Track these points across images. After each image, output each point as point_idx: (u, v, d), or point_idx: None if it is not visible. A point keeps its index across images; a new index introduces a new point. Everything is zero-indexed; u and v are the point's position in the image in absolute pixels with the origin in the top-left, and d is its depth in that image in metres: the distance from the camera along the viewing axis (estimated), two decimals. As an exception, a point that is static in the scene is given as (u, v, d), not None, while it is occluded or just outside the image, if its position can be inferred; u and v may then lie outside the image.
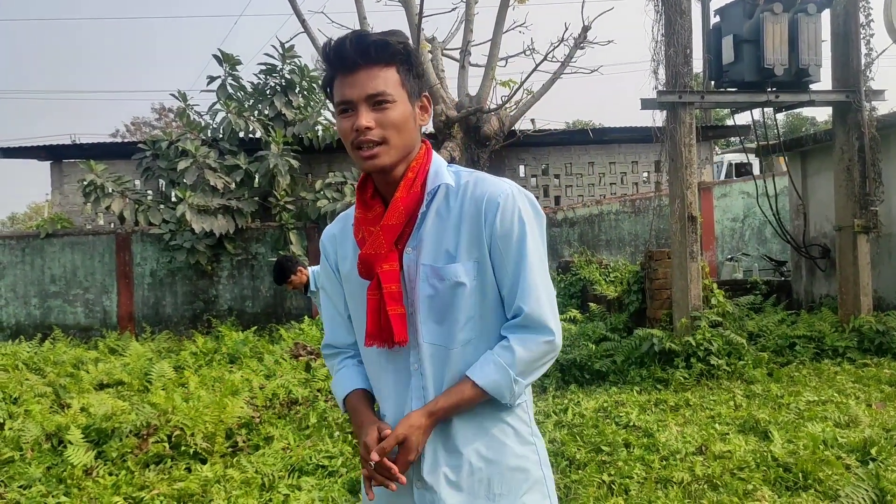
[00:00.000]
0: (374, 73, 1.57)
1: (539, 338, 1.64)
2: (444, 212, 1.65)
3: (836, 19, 7.81)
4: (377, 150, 1.58)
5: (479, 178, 1.67)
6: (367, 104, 1.57)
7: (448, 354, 1.64)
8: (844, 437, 4.71)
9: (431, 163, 1.68)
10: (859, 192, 7.74)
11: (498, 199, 1.61)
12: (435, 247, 1.63)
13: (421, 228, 1.64)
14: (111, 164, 12.39)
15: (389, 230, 1.62)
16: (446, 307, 1.63)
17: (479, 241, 1.62)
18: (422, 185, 1.65)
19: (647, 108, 7.40)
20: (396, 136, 1.59)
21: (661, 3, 7.30)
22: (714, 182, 13.39)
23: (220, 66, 12.28)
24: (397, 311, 1.62)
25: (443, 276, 1.61)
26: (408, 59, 1.62)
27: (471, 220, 1.62)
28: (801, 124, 26.33)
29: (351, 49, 1.56)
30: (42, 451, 5.16)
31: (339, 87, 1.60)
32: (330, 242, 1.83)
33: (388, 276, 1.63)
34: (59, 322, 11.16)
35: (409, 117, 1.62)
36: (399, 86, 1.60)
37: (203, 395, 6.46)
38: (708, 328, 6.99)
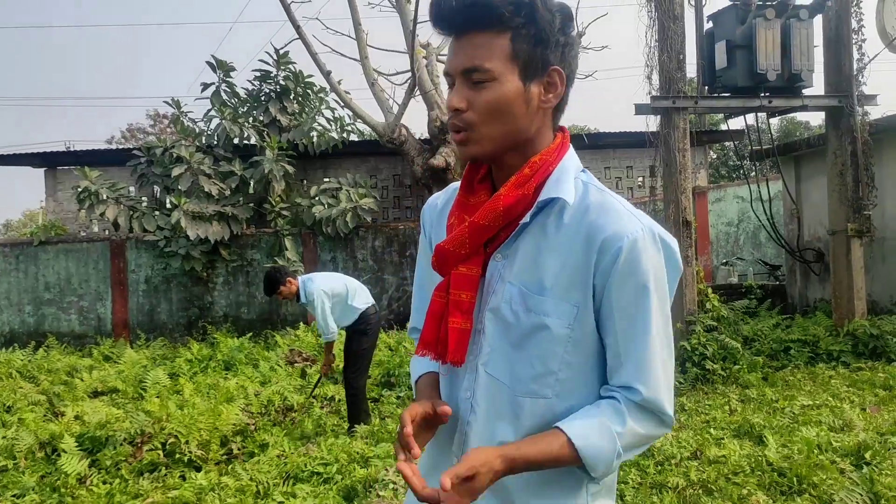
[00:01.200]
0: (477, 40, 1.27)
1: (654, 420, 1.34)
2: (552, 230, 1.32)
3: (828, 24, 7.85)
4: (465, 136, 1.32)
5: (605, 203, 1.33)
6: (465, 80, 1.29)
7: (512, 398, 1.34)
8: (839, 442, 4.72)
9: (559, 164, 1.36)
10: (852, 197, 7.77)
11: (621, 241, 1.27)
12: (529, 267, 1.33)
13: (519, 238, 1.34)
14: (105, 170, 12.36)
15: (479, 231, 1.33)
16: (522, 344, 1.33)
17: (584, 284, 1.30)
18: (536, 188, 1.33)
19: (641, 113, 7.42)
20: (492, 122, 1.30)
21: (654, 9, 7.33)
22: (709, 186, 13.43)
23: (214, 72, 12.28)
24: (459, 325, 1.35)
25: (529, 307, 1.31)
26: (529, 22, 1.27)
27: (579, 255, 1.30)
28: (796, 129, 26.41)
29: (449, 10, 1.27)
30: (36, 459, 5.14)
31: (448, 52, 1.33)
32: (430, 213, 1.56)
33: (461, 280, 1.35)
34: (53, 329, 11.11)
35: (513, 100, 1.29)
36: (508, 59, 1.27)
37: (198, 402, 6.44)
38: (703, 333, 7.01)
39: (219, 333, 10.49)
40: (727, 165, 25.74)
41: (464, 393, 1.39)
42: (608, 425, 1.29)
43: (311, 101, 12.83)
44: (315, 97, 12.83)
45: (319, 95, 12.82)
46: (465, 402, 1.39)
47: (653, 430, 1.34)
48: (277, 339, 9.90)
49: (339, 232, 11.19)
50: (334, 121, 12.70)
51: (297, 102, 12.69)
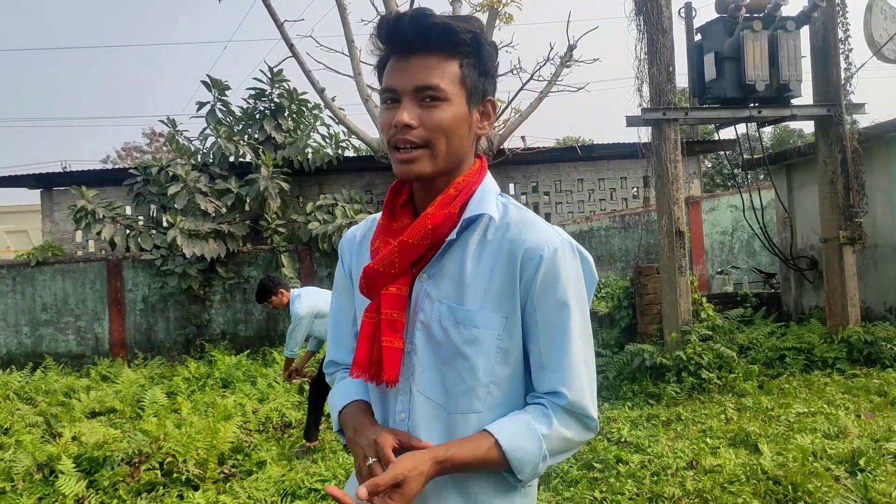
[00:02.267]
0: (429, 62, 1.32)
1: (579, 424, 1.38)
2: (477, 247, 1.37)
3: (815, 35, 7.94)
4: (416, 155, 1.32)
5: (524, 219, 1.40)
6: (415, 98, 1.32)
7: (448, 420, 1.37)
8: (833, 449, 4.75)
9: (481, 185, 1.41)
10: (843, 204, 7.83)
11: (542, 252, 1.34)
12: (456, 283, 1.36)
13: (444, 257, 1.38)
14: (102, 190, 12.41)
15: (407, 249, 1.36)
16: (453, 360, 1.35)
17: (510, 295, 1.35)
18: (461, 208, 1.37)
19: (633, 125, 7.49)
20: (442, 141, 1.33)
21: (643, 22, 7.41)
22: (702, 196, 13.49)
23: (209, 91, 12.36)
24: (393, 345, 1.36)
25: (458, 320, 1.35)
26: (476, 53, 1.35)
27: (504, 268, 1.35)
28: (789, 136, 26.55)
29: (408, 29, 1.31)
30: (34, 481, 5.14)
31: (389, 71, 1.35)
32: (349, 245, 1.58)
33: (391, 300, 1.37)
34: (50, 350, 11.11)
35: (461, 121, 1.35)
36: (457, 82, 1.33)
37: (196, 420, 6.45)
38: (698, 342, 7.04)
39: (216, 351, 10.49)
40: (722, 174, 25.85)
41: (398, 415, 1.40)
42: (535, 428, 1.33)
43: (305, 118, 12.91)
44: (309, 114, 12.91)
45: (314, 112, 12.89)
46: (401, 423, 1.40)
47: (578, 435, 1.38)
48: (275, 356, 9.90)
49: (335, 248, 11.22)
50: (329, 137, 12.77)
51: (292, 119, 12.76)
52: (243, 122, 12.66)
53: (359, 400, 1.50)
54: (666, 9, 7.36)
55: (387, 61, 1.38)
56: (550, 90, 12.14)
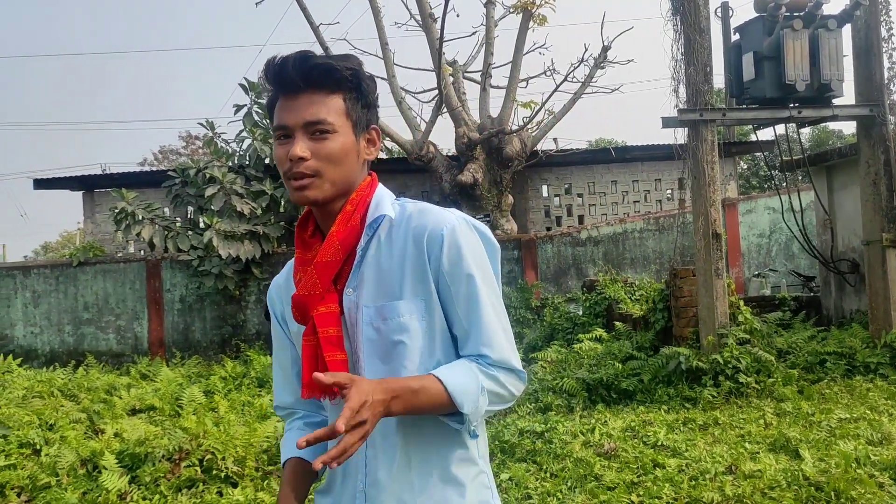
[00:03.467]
0: (315, 98, 1.44)
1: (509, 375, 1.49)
2: (385, 247, 1.49)
3: (857, 34, 7.79)
4: (308, 182, 1.43)
5: (421, 208, 1.52)
6: (305, 132, 1.43)
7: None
8: (877, 455, 4.66)
9: (374, 195, 1.53)
10: (886, 206, 7.67)
11: (441, 230, 1.46)
12: (377, 285, 1.47)
13: (361, 266, 1.49)
14: (141, 192, 12.66)
15: (324, 268, 1.46)
16: (390, 351, 1.46)
17: (423, 277, 1.46)
18: (361, 219, 1.49)
19: (669, 126, 7.42)
20: (333, 169, 1.44)
21: (679, 22, 7.35)
22: (739, 198, 13.31)
23: (246, 94, 12.53)
24: (336, 358, 1.44)
25: (385, 316, 1.45)
26: (357, 88, 1.48)
27: (414, 255, 1.46)
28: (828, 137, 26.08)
29: (293, 71, 1.42)
30: (77, 476, 5.26)
31: (279, 110, 1.46)
32: (276, 293, 1.68)
33: (324, 319, 1.46)
34: (91, 349, 11.35)
35: (349, 150, 1.47)
36: (343, 115, 1.46)
37: (233, 418, 6.54)
38: (735, 345, 6.94)
39: (252, 351, 10.63)
40: (758, 176, 25.48)
41: None
42: (469, 366, 1.44)
43: (340, 121, 13.00)
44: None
45: (348, 114, 12.98)
46: None
47: (509, 383, 1.49)
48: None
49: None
50: (363, 139, 12.85)
51: (327, 122, 12.87)
52: (279, 125, 12.80)
53: (294, 458, 1.60)
54: (703, 8, 7.28)
55: (275, 101, 1.49)
56: (584, 91, 12.10)
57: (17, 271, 11.61)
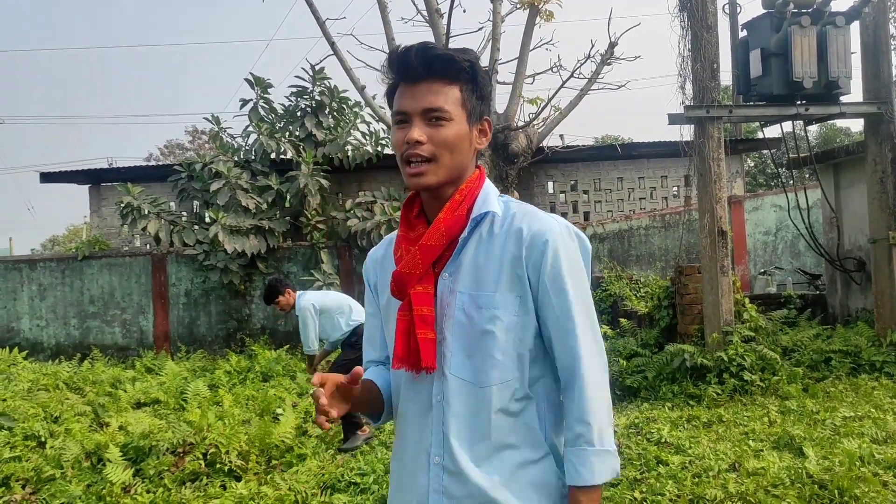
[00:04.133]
0: (435, 87, 1.53)
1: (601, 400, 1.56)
2: (487, 240, 1.58)
3: (865, 31, 7.75)
4: (424, 168, 1.53)
5: (527, 210, 1.60)
6: (423, 118, 1.53)
7: (478, 393, 1.55)
8: (882, 454, 4.64)
9: (482, 188, 1.62)
10: (893, 204, 7.64)
11: (545, 236, 1.54)
12: (474, 274, 1.56)
13: (461, 254, 1.58)
14: (147, 186, 12.68)
15: (427, 250, 1.55)
16: (479, 340, 1.54)
17: (520, 276, 1.55)
18: (468, 210, 1.58)
19: (675, 123, 7.39)
20: (447, 155, 1.54)
21: (686, 18, 7.31)
22: (745, 195, 13.27)
23: (252, 89, 12.53)
24: (427, 336, 1.54)
25: (480, 305, 1.54)
26: (473, 79, 1.57)
27: (514, 253, 1.55)
28: (836, 135, 25.94)
29: (415, 60, 1.52)
30: (82, 468, 5.29)
31: (399, 96, 1.56)
32: (372, 265, 1.78)
33: (420, 298, 1.55)
34: (97, 342, 11.40)
35: (463, 138, 1.56)
36: (459, 104, 1.55)
37: (237, 413, 6.56)
38: (740, 343, 6.92)
39: (256, 345, 10.66)
40: (765, 173, 25.39)
41: (434, 398, 1.58)
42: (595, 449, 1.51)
43: (346, 116, 13.01)
44: (350, 112, 13.01)
45: (354, 110, 12.99)
46: (438, 405, 1.57)
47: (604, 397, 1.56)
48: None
49: (374, 244, 11.29)
50: (369, 135, 12.85)
51: (333, 117, 12.87)
52: (285, 120, 12.81)
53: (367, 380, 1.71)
54: (711, 5, 7.24)
55: (395, 88, 1.58)
56: (591, 88, 12.06)
57: (24, 264, 11.66)
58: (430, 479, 1.56)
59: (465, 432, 1.54)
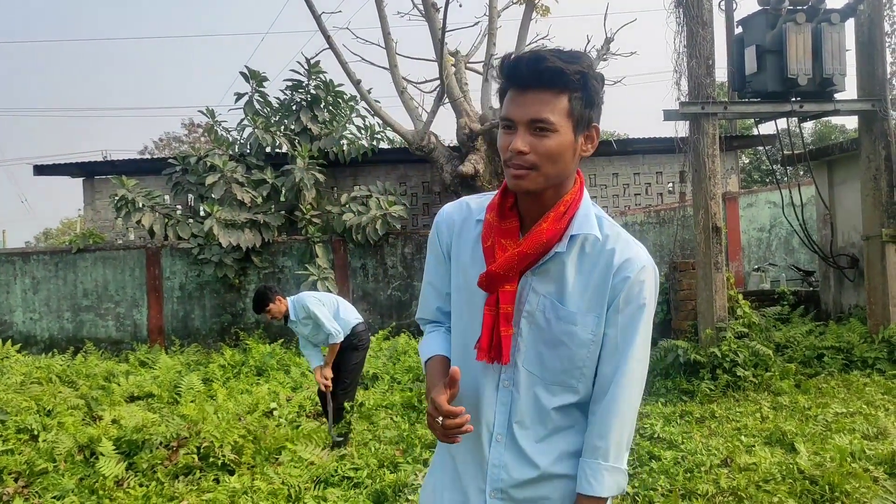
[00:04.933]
0: (543, 97, 1.54)
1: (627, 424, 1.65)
2: (578, 257, 1.64)
3: (860, 28, 7.76)
4: (525, 174, 1.56)
5: (620, 235, 1.66)
6: (528, 127, 1.54)
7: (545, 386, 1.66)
8: (872, 450, 4.66)
9: (582, 202, 1.66)
10: (887, 202, 7.66)
11: (635, 265, 1.62)
12: (558, 284, 1.63)
13: (549, 261, 1.63)
14: (142, 179, 12.64)
15: (525, 258, 1.61)
16: (553, 344, 1.64)
17: (602, 297, 1.62)
18: (568, 222, 1.62)
19: (670, 119, 7.40)
20: (549, 165, 1.56)
21: (682, 15, 7.32)
22: (739, 192, 13.29)
23: (247, 82, 12.50)
24: (508, 333, 1.62)
25: (560, 316, 1.62)
26: (583, 88, 1.56)
27: (602, 276, 1.62)
28: (830, 132, 25.97)
29: (525, 69, 1.54)
30: (75, 462, 5.28)
31: (508, 102, 1.58)
32: (447, 226, 1.80)
33: (507, 296, 1.62)
34: (90, 335, 11.37)
35: (567, 148, 1.57)
36: (566, 115, 1.55)
37: (231, 407, 6.56)
38: (734, 339, 6.95)
39: (251, 339, 10.65)
40: (760, 170, 25.43)
41: (503, 383, 1.67)
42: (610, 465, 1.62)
43: (341, 110, 12.98)
44: (345, 106, 12.98)
45: (350, 104, 12.96)
46: (505, 389, 1.67)
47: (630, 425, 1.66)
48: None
49: (368, 239, 11.30)
50: (364, 129, 12.83)
51: (328, 111, 12.84)
52: (280, 114, 12.78)
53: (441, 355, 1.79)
54: (706, 1, 7.25)
55: (506, 90, 1.60)
56: (587, 83, 12.03)
57: (17, 257, 11.61)
58: (490, 455, 1.67)
59: (527, 417, 1.66)
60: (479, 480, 1.69)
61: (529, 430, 1.66)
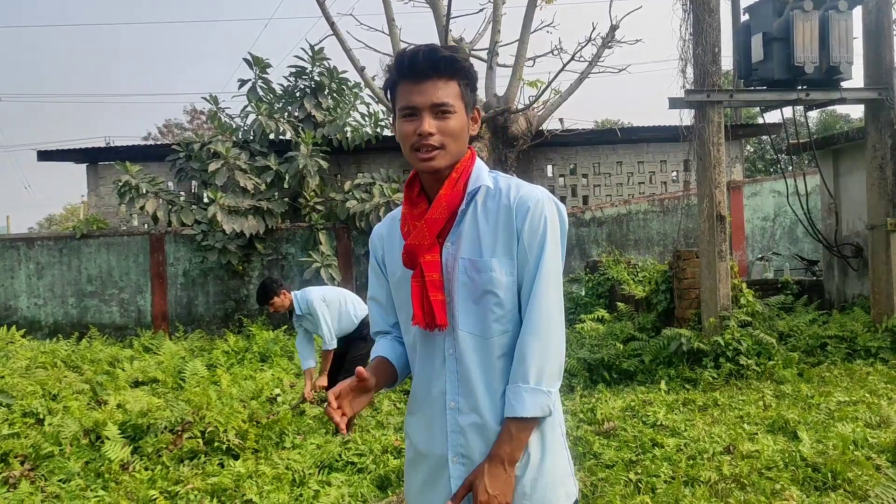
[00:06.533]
0: (439, 84, 1.73)
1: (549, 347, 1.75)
2: (482, 211, 1.79)
3: (867, 16, 7.71)
4: (434, 154, 1.74)
5: (516, 183, 1.82)
6: (431, 112, 1.73)
7: (484, 344, 1.77)
8: (875, 438, 4.67)
9: (474, 166, 1.83)
10: (892, 191, 7.64)
11: (529, 202, 1.75)
12: (473, 242, 1.77)
13: (460, 225, 1.79)
14: (145, 165, 12.64)
15: (432, 223, 1.77)
16: (481, 298, 1.76)
17: (512, 239, 1.76)
18: (464, 185, 1.79)
19: (675, 107, 7.37)
20: (452, 142, 1.75)
21: (689, 1, 7.27)
22: (744, 181, 13.26)
23: (250, 69, 12.47)
24: (439, 298, 1.75)
25: (479, 269, 1.75)
26: (468, 75, 1.79)
27: (506, 221, 1.76)
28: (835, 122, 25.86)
29: (423, 61, 1.72)
30: (80, 446, 5.31)
31: (406, 92, 1.75)
32: (378, 240, 1.98)
33: (430, 265, 1.77)
34: (95, 321, 11.41)
35: (464, 127, 1.79)
36: (459, 98, 1.76)
37: (235, 392, 6.58)
38: (737, 328, 6.95)
39: (254, 326, 10.68)
40: (764, 159, 25.36)
41: (447, 351, 1.79)
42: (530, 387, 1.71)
43: (345, 97, 12.95)
44: (349, 93, 12.95)
45: (353, 91, 12.93)
46: (451, 357, 1.79)
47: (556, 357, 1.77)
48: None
49: (372, 226, 11.30)
50: (368, 116, 12.81)
51: (332, 98, 12.81)
52: (284, 100, 12.76)
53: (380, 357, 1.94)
54: (713, -12, 7.20)
55: (395, 84, 1.78)
56: (591, 71, 12.00)
57: (21, 243, 11.64)
58: (448, 422, 1.78)
59: (475, 379, 1.77)
60: (442, 447, 1.79)
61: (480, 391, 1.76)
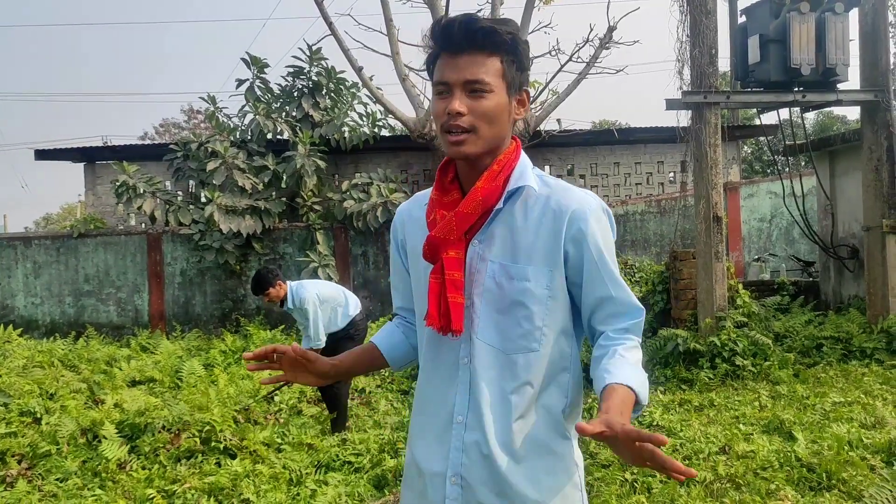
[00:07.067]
0: (476, 59, 1.54)
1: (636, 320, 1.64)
2: (520, 213, 1.61)
3: (864, 18, 7.74)
4: (464, 138, 1.55)
5: (564, 186, 1.64)
6: (464, 89, 1.54)
7: (504, 359, 1.60)
8: (870, 438, 4.70)
9: (518, 161, 1.65)
10: (888, 193, 7.67)
11: (586, 213, 1.59)
12: (507, 245, 1.60)
13: (492, 224, 1.61)
14: (143, 165, 12.63)
15: (463, 218, 1.59)
16: (508, 308, 1.59)
17: (556, 249, 1.58)
18: (504, 181, 1.60)
19: (672, 108, 7.40)
20: (486, 126, 1.56)
21: (685, 3, 7.30)
22: (741, 182, 13.29)
23: (248, 68, 12.46)
24: (457, 300, 1.58)
25: (512, 276, 1.58)
26: (514, 51, 1.57)
27: (550, 228, 1.59)
28: (832, 123, 25.90)
29: (458, 31, 1.53)
30: (77, 445, 5.32)
31: (441, 67, 1.57)
32: (400, 220, 1.83)
33: (452, 263, 1.59)
34: (92, 320, 11.40)
35: (503, 110, 1.58)
36: (499, 76, 1.56)
37: (232, 392, 6.59)
38: (733, 329, 6.98)
39: (251, 325, 10.68)
40: (761, 161, 25.39)
41: (461, 360, 1.63)
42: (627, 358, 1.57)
43: (342, 97, 12.95)
44: (347, 93, 12.95)
45: (351, 91, 12.93)
46: (465, 367, 1.62)
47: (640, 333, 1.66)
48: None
49: (369, 226, 11.31)
50: (366, 116, 12.81)
51: (330, 98, 12.81)
52: (281, 100, 12.75)
53: (371, 344, 1.86)
54: (710, -10, 7.23)
55: (436, 58, 1.59)
56: (589, 72, 12.02)
57: (18, 242, 11.63)
58: (452, 437, 1.61)
59: (489, 396, 1.59)
60: (441, 464, 1.61)
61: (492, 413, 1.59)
